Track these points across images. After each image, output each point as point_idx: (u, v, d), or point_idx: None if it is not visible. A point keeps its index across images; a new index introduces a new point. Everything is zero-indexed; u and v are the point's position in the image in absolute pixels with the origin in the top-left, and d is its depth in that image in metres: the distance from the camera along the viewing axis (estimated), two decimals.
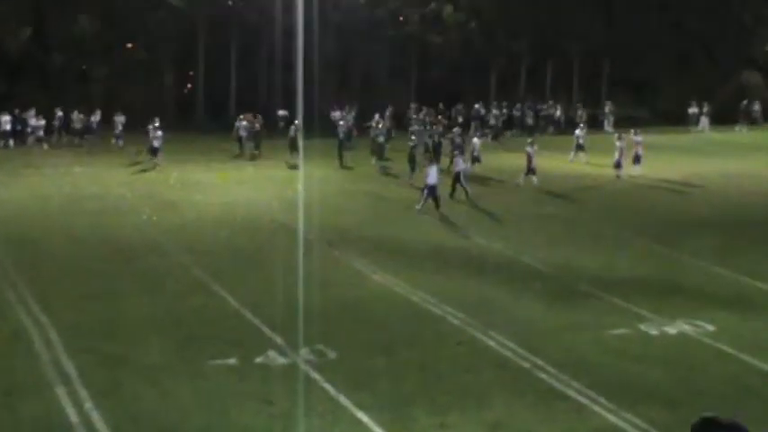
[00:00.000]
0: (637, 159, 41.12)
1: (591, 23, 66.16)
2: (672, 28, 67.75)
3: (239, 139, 47.85)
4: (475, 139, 43.32)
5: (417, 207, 32.74)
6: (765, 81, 70.66)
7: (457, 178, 35.56)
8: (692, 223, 31.58)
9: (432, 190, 32.83)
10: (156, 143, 43.02)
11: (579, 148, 45.21)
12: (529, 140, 40.00)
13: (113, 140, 48.27)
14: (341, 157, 43.49)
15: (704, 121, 60.83)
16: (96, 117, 50.74)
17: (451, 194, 35.06)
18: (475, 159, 41.66)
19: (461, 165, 36.19)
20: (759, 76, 70.87)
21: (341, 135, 45.09)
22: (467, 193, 35.22)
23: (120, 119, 49.16)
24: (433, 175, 33.01)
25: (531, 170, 38.23)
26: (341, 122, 47.38)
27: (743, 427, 5.63)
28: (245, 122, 48.55)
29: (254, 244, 27.63)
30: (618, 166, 40.14)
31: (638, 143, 41.44)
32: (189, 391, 15.91)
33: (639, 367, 17.39)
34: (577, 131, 46.59)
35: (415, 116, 52.29)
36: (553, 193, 37.08)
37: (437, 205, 32.57)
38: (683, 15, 67.44)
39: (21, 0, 53.94)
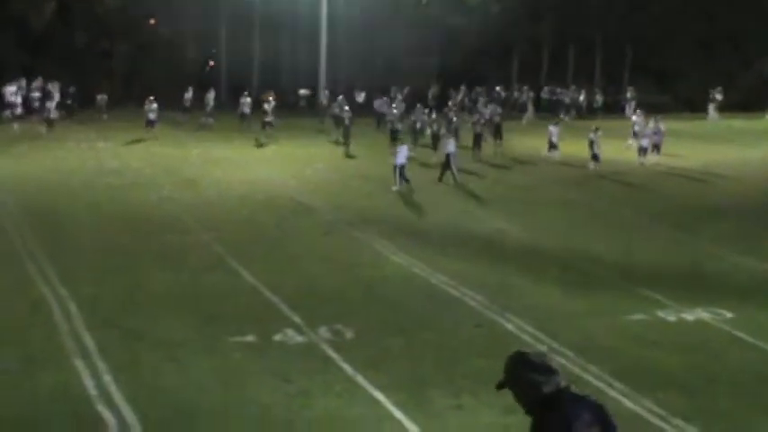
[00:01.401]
0: (656, 148, 40.79)
1: (613, 9, 65.84)
2: (695, 14, 67.31)
3: (242, 116, 48.78)
4: (551, 127, 42.44)
5: (394, 188, 32.91)
6: None
7: (447, 161, 35.34)
8: (712, 210, 31.49)
9: (400, 169, 33.11)
10: (151, 116, 44.40)
11: (635, 135, 43.84)
12: (594, 127, 39.46)
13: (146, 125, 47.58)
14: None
15: (711, 110, 60.37)
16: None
17: (440, 178, 35.02)
18: (552, 146, 41.44)
19: (452, 147, 35.76)
20: None
21: (394, 125, 42.61)
22: (455, 177, 34.96)
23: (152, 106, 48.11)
24: (402, 154, 33.33)
25: (594, 156, 38.54)
26: (394, 110, 47.06)
27: (553, 367, 6.10)
28: (248, 99, 49.57)
29: (274, 222, 27.69)
30: (595, 158, 39.16)
31: (657, 132, 41.05)
32: (207, 368, 15.97)
33: (657, 353, 17.36)
34: (634, 117, 45.94)
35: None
36: (573, 178, 37.00)
37: (400, 183, 33.04)
38: (707, 1, 66.98)
39: None
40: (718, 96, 61.70)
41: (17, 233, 25.26)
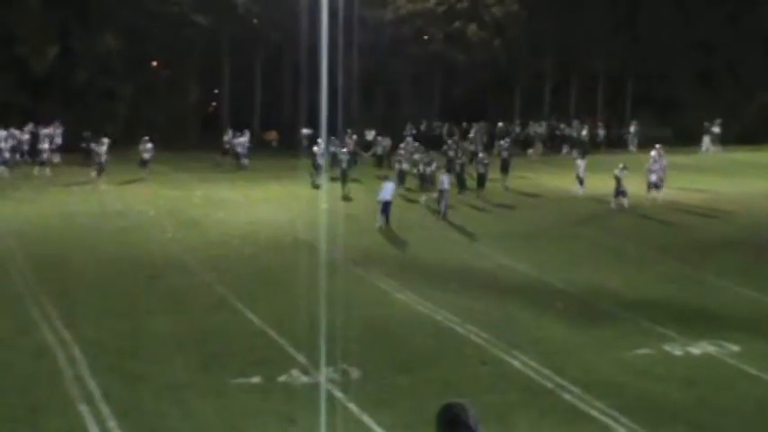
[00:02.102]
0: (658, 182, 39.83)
1: (615, 42, 66.11)
2: (696, 46, 67.59)
3: (236, 156, 49.30)
4: (579, 161, 42.23)
5: (376, 226, 32.96)
6: None
7: (440, 196, 35.28)
8: (716, 243, 31.42)
9: (384, 206, 33.07)
10: (146, 155, 44.57)
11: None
12: (620, 165, 38.44)
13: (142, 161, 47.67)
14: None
15: (706, 141, 60.24)
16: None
17: (444, 215, 34.97)
18: (580, 181, 41.14)
19: (446, 183, 35.69)
20: None
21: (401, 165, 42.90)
22: (445, 211, 34.96)
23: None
24: (387, 190, 33.26)
25: (620, 192, 37.66)
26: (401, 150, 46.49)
27: (470, 413, 6.46)
28: (242, 139, 49.95)
29: (277, 262, 27.65)
30: (621, 194, 38.02)
31: (655, 167, 39.97)
32: (212, 410, 15.91)
33: (663, 388, 17.29)
34: (653, 153, 45.24)
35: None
36: (576, 212, 36.98)
37: (384, 221, 32.93)
38: (708, 34, 67.25)
39: (47, 18, 54.24)
40: (716, 129, 61.65)
41: (20, 277, 25.23)
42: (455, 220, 34.99)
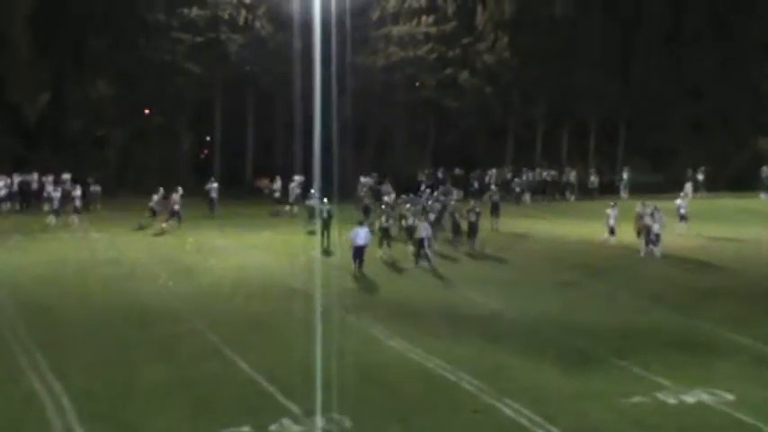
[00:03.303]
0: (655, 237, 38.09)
1: (607, 89, 66.42)
2: (687, 94, 67.96)
3: (211, 201, 49.16)
4: (609, 210, 40.99)
5: (354, 272, 32.92)
6: None
7: (420, 244, 35.04)
8: (710, 291, 31.34)
9: (356, 251, 33.05)
10: (176, 207, 43.73)
11: (682, 218, 43.31)
12: (649, 209, 37.93)
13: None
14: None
15: (688, 187, 60.36)
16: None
17: (417, 262, 34.77)
18: (611, 231, 40.22)
19: (426, 231, 35.33)
20: None
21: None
22: (429, 260, 34.67)
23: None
24: (361, 236, 33.24)
25: (651, 240, 37.03)
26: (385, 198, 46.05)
27: None
28: (215, 185, 49.94)
29: (268, 309, 27.54)
30: (652, 242, 37.36)
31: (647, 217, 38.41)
32: None
33: None
34: (678, 201, 44.81)
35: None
36: (568, 260, 36.93)
37: (359, 267, 32.88)
38: (699, 82, 67.66)
39: (39, 65, 54.39)
40: (700, 176, 61.82)
41: (8, 326, 25.07)
42: (445, 266, 34.92)
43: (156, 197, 44.24)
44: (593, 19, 66.13)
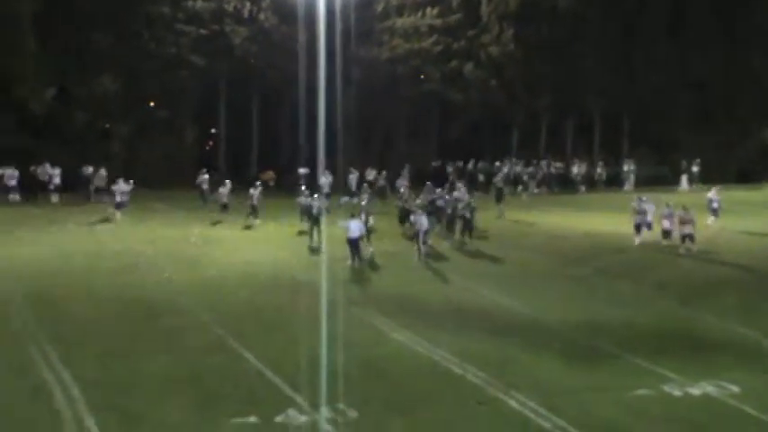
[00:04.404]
0: (649, 226, 38.56)
1: (611, 81, 66.44)
2: (692, 85, 67.93)
3: (202, 193, 49.43)
4: (649, 206, 39.52)
5: (349, 263, 33.06)
6: None
7: (417, 237, 35.20)
8: (714, 282, 31.39)
9: (350, 243, 33.17)
10: (225, 199, 44.86)
11: (714, 212, 43.24)
12: (683, 208, 36.89)
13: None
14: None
15: (684, 180, 60.42)
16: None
17: (419, 256, 34.76)
18: (648, 225, 38.69)
19: (424, 224, 35.33)
20: None
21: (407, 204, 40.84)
22: (420, 253, 34.70)
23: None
24: (353, 228, 33.28)
25: (687, 235, 36.17)
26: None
27: None
28: (206, 176, 50.32)
29: (274, 302, 27.60)
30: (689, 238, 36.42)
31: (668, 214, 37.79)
32: None
33: (662, 429, 17.26)
34: (709, 194, 44.41)
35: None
36: (573, 253, 36.98)
37: (354, 258, 33.07)
38: (703, 73, 67.62)
39: (46, 60, 54.52)
40: (695, 168, 61.92)
41: (18, 316, 25.18)
42: (450, 258, 35.00)
43: (223, 190, 44.89)
44: (596, 11, 66.13)
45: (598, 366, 21.38)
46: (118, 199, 43.88)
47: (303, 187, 44.16)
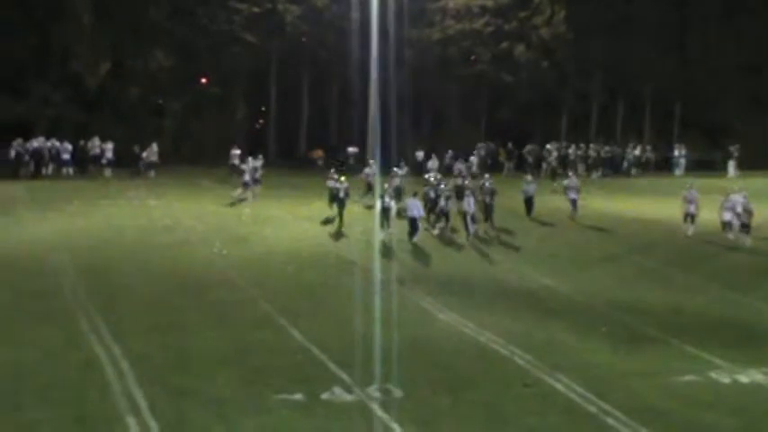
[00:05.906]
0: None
1: (664, 64, 65.79)
2: (747, 69, 67.02)
3: (232, 167, 48.71)
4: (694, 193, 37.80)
5: (414, 239, 33.40)
6: None
7: (464, 218, 35.28)
8: (764, 269, 31.11)
9: (409, 222, 33.62)
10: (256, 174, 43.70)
11: None
12: (744, 193, 36.47)
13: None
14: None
15: (732, 166, 59.71)
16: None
17: (468, 235, 34.77)
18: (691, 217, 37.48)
19: (472, 206, 35.27)
20: None
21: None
22: (468, 234, 34.83)
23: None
24: (411, 207, 33.68)
25: (745, 225, 35.28)
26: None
27: None
28: (238, 151, 49.75)
29: (321, 280, 27.76)
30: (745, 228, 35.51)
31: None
32: (254, 426, 15.99)
33: (710, 416, 17.16)
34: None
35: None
36: (623, 236, 36.77)
37: (410, 237, 33.42)
38: (757, 55, 66.71)
39: (100, 36, 55.00)
40: (736, 153, 61.25)
41: (70, 290, 25.48)
42: (495, 240, 34.96)
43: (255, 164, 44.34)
44: None
45: (645, 351, 21.32)
46: (248, 177, 42.90)
47: (332, 170, 42.89)
